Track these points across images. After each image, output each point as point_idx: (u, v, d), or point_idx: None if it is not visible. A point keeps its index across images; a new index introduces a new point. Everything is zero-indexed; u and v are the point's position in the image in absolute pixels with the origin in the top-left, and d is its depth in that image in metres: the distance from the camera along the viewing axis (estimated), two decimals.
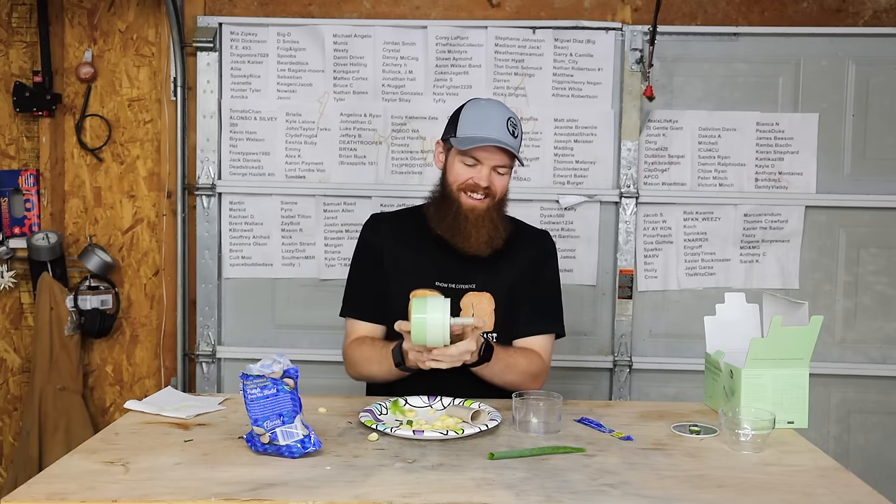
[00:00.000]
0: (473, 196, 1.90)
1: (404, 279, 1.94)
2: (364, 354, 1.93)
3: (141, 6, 2.97)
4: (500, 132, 1.87)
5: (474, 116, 1.92)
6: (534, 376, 1.93)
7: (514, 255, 1.99)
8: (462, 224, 1.90)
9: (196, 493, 1.26)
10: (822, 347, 2.49)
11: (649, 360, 2.95)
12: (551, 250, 2.07)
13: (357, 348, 1.96)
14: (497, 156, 1.88)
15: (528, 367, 1.92)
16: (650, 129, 2.91)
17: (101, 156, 3.01)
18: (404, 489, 1.29)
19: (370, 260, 2.01)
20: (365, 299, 2.00)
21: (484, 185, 1.89)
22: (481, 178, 1.89)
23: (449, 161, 1.94)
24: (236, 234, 2.97)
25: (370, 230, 2.05)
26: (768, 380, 1.67)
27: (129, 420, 1.66)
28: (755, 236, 2.92)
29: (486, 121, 1.89)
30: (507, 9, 2.93)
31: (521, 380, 1.89)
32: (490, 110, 1.92)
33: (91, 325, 2.93)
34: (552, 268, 2.05)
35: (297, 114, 2.94)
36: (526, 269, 2.00)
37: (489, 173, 1.90)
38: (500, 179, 1.92)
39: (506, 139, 1.87)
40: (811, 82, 2.89)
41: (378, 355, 1.88)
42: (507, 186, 1.96)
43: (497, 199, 1.93)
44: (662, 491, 1.31)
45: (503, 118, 1.89)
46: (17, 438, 3.03)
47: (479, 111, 1.93)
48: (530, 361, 1.93)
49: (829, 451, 2.79)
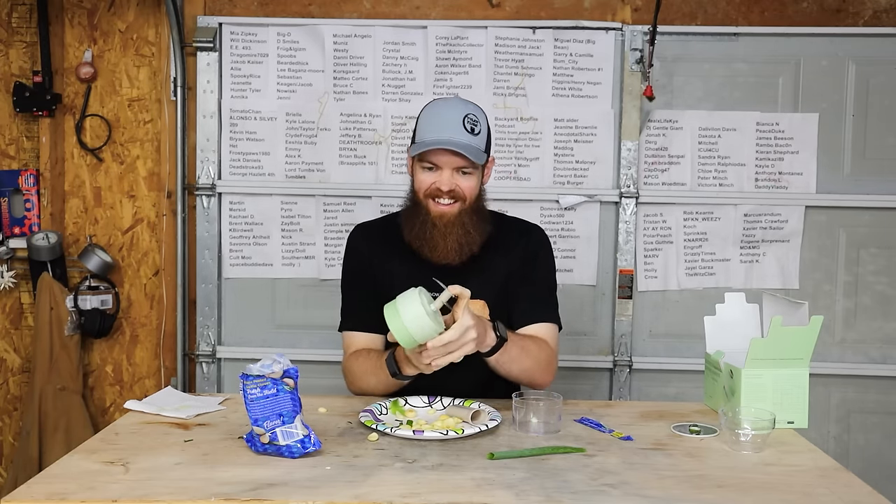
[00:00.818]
0: (441, 202, 1.83)
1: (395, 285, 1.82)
2: (361, 367, 1.86)
3: (141, 6, 2.97)
4: (454, 131, 1.79)
5: (428, 119, 1.85)
6: (546, 363, 1.84)
7: (502, 255, 1.93)
8: (429, 232, 1.83)
9: (196, 493, 1.26)
10: (822, 347, 2.49)
11: (649, 360, 2.95)
12: (541, 242, 1.98)
13: (355, 362, 1.90)
14: (455, 157, 1.80)
15: (540, 352, 1.83)
16: (650, 129, 2.91)
17: (101, 156, 3.01)
18: (404, 489, 1.29)
19: (359, 270, 1.96)
20: (359, 310, 1.95)
21: (446, 188, 1.82)
22: (443, 183, 1.82)
23: (414, 169, 1.89)
24: (236, 234, 2.97)
25: (356, 240, 2.00)
26: (768, 380, 1.67)
27: (129, 420, 1.66)
28: (755, 236, 2.92)
29: (440, 122, 1.82)
30: (507, 9, 2.93)
31: (534, 366, 1.80)
32: (444, 110, 1.85)
33: (91, 325, 2.93)
34: (544, 260, 1.97)
35: (297, 114, 2.94)
36: (517, 266, 1.93)
37: (451, 176, 1.82)
38: (467, 180, 1.84)
39: (459, 138, 1.79)
40: (811, 82, 2.89)
41: (374, 367, 1.81)
42: (478, 186, 1.87)
43: (469, 203, 1.85)
44: (662, 491, 1.31)
45: (459, 116, 1.81)
46: (17, 438, 3.03)
47: (434, 113, 1.86)
48: (540, 347, 1.84)
49: (829, 451, 2.79)
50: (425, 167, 1.84)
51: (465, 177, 1.85)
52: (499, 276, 1.92)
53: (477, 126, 1.84)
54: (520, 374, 1.81)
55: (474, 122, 1.83)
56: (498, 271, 1.92)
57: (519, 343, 1.78)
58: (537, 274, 1.96)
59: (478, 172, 1.87)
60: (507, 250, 1.95)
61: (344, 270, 2.02)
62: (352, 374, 1.91)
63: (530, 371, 1.81)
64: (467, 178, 1.85)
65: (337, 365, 2.89)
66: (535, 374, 1.81)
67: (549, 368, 1.86)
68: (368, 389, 1.86)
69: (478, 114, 1.86)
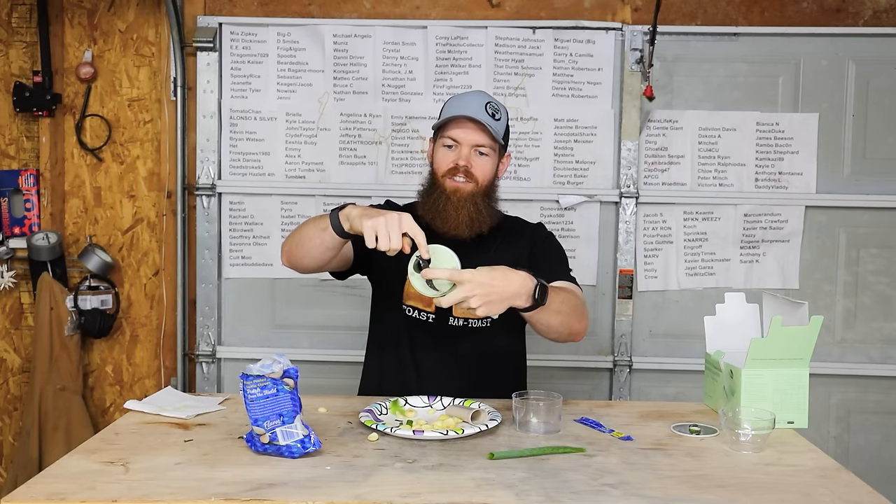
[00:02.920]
0: (456, 179, 1.88)
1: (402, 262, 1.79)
2: (301, 228, 1.84)
3: (141, 6, 2.97)
4: (476, 111, 1.86)
5: (453, 104, 1.94)
6: (582, 312, 1.82)
7: (509, 242, 1.98)
8: (443, 205, 1.88)
9: (196, 493, 1.26)
10: (822, 347, 2.49)
11: (649, 360, 2.95)
12: (548, 234, 2.05)
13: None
14: (475, 134, 1.87)
15: (573, 299, 1.80)
16: (650, 129, 2.91)
17: (101, 156, 3.01)
18: (404, 489, 1.29)
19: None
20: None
21: (463, 163, 1.88)
22: (461, 157, 1.87)
23: (434, 150, 1.95)
24: (236, 234, 2.97)
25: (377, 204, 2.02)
26: (768, 380, 1.67)
27: (129, 420, 1.65)
28: (755, 236, 2.92)
29: (464, 104, 1.90)
30: (507, 9, 2.93)
31: (573, 315, 1.77)
32: (469, 96, 1.95)
33: (91, 325, 2.93)
34: (552, 244, 2.02)
35: (297, 114, 2.94)
36: (526, 253, 1.97)
37: (469, 153, 1.88)
38: (482, 161, 1.89)
39: (482, 117, 1.86)
40: (811, 82, 2.89)
41: (315, 220, 1.79)
42: (491, 171, 1.92)
43: (482, 186, 1.90)
44: (662, 491, 1.31)
45: (482, 102, 1.89)
46: (17, 438, 3.03)
47: (459, 99, 1.96)
48: (574, 294, 1.83)
49: (829, 451, 2.79)
50: (445, 144, 1.90)
51: (482, 158, 1.90)
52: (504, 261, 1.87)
53: (498, 113, 1.92)
54: (559, 327, 1.77)
55: (496, 109, 1.91)
56: (504, 256, 1.92)
57: (555, 295, 1.73)
58: (548, 254, 1.99)
59: (494, 157, 1.92)
60: (513, 238, 2.00)
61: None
62: (290, 237, 1.88)
63: (569, 321, 1.77)
64: (484, 159, 1.90)
65: (337, 365, 2.93)
66: (574, 324, 1.78)
67: (585, 317, 1.84)
68: (298, 243, 1.83)
69: (499, 105, 1.94)
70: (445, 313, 1.92)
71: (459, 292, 1.56)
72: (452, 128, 1.89)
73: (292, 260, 1.89)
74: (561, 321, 1.76)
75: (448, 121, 1.89)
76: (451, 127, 1.89)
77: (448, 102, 1.99)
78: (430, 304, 1.93)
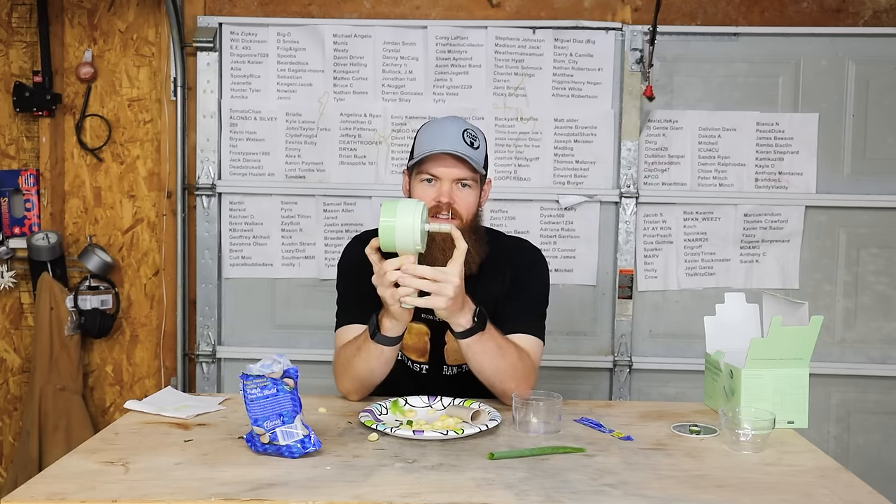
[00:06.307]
0: (440, 217, 1.79)
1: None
2: (347, 351, 1.78)
3: (141, 6, 2.97)
4: (453, 142, 1.78)
5: (427, 134, 1.84)
6: (524, 373, 1.75)
7: (495, 275, 1.89)
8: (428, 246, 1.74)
9: (196, 493, 1.26)
10: (822, 347, 2.48)
11: (649, 360, 2.95)
12: (535, 262, 1.94)
13: (342, 351, 1.81)
14: (455, 168, 1.78)
15: (518, 361, 1.74)
16: (650, 129, 2.91)
17: (101, 156, 3.01)
18: (404, 489, 1.29)
19: (359, 274, 1.78)
20: (356, 305, 1.86)
21: (446, 200, 1.78)
22: (443, 194, 1.78)
23: (411, 187, 1.86)
24: (236, 234, 2.97)
25: (354, 248, 1.95)
26: (768, 380, 1.67)
27: (129, 420, 1.66)
28: (755, 236, 2.92)
29: (439, 135, 1.81)
30: (507, 9, 2.93)
31: (510, 371, 1.72)
32: (443, 125, 1.85)
33: (91, 325, 2.93)
34: (535, 278, 1.92)
35: (297, 114, 2.94)
36: (508, 284, 1.90)
37: (450, 188, 1.79)
38: (465, 194, 1.81)
39: (460, 148, 1.77)
40: (811, 82, 2.89)
41: (357, 344, 1.73)
42: (475, 204, 1.84)
43: (467, 222, 1.80)
44: (662, 491, 1.31)
45: (458, 130, 1.81)
46: (17, 438, 3.03)
47: (432, 128, 1.86)
48: (520, 356, 1.76)
49: (829, 451, 2.79)
50: (424, 180, 1.81)
51: (465, 190, 1.82)
52: (491, 299, 1.87)
53: (476, 141, 1.83)
54: (492, 375, 1.73)
55: (473, 137, 1.83)
56: (491, 293, 1.88)
57: (499, 341, 1.72)
58: (526, 291, 1.91)
59: (476, 188, 1.85)
60: (500, 270, 1.91)
61: (340, 274, 1.97)
62: (339, 364, 1.81)
63: (504, 375, 1.72)
64: (467, 192, 1.82)
65: None
66: (507, 381, 1.73)
67: (527, 380, 1.76)
68: (356, 374, 1.77)
69: (476, 131, 1.86)
70: (439, 363, 1.90)
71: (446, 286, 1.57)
72: (431, 163, 1.79)
73: (364, 391, 1.82)
74: (496, 368, 1.72)
75: (426, 157, 1.79)
76: (430, 162, 1.79)
77: (422, 131, 1.88)
78: (423, 354, 1.90)
